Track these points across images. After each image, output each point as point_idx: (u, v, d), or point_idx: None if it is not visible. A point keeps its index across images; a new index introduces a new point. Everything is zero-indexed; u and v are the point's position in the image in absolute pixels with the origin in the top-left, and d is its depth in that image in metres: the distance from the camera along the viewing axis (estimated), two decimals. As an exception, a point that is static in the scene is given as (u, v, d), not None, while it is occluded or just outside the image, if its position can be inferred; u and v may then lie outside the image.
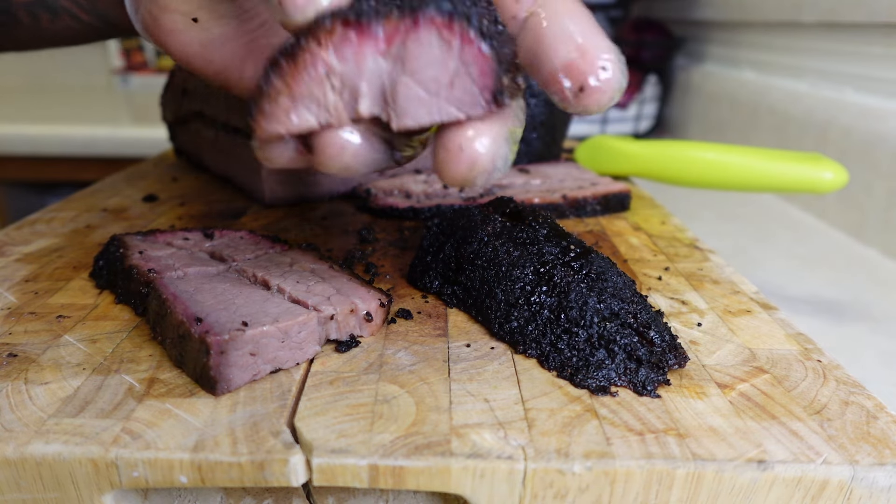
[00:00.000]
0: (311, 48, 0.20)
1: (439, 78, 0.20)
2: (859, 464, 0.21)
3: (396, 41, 0.20)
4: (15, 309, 0.30)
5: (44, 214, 0.45)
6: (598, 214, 0.47)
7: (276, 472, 0.20)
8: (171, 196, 0.50)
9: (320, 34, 0.20)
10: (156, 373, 0.25)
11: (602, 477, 0.20)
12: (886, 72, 0.64)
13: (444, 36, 0.20)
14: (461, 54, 0.20)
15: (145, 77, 1.66)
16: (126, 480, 0.21)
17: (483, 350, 0.27)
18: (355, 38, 0.20)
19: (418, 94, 0.21)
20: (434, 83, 0.20)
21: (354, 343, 0.27)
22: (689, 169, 0.49)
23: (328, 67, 0.20)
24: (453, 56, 0.20)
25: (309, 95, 0.20)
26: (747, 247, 0.63)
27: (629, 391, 0.24)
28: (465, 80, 0.20)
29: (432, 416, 0.22)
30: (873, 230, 0.61)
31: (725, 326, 0.30)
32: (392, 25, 0.20)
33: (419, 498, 0.23)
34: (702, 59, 1.05)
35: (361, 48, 0.20)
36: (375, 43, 0.20)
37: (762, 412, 0.23)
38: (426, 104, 0.21)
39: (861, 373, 0.30)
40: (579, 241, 0.30)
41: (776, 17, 0.81)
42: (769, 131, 0.80)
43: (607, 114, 1.05)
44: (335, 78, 0.20)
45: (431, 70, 0.20)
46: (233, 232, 0.37)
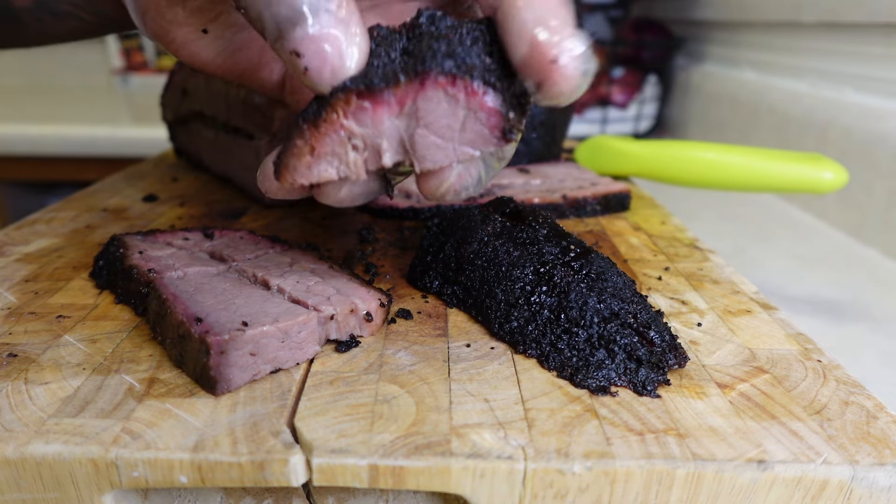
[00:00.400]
0: (331, 117, 0.22)
1: (452, 125, 0.22)
2: (859, 464, 0.21)
3: (408, 102, 0.22)
4: (15, 309, 0.30)
5: (44, 214, 0.45)
6: (598, 214, 0.47)
7: (276, 472, 0.20)
8: (171, 196, 0.50)
9: (338, 105, 0.21)
10: (156, 373, 0.25)
11: (602, 477, 0.20)
12: (886, 72, 0.64)
13: (449, 92, 0.22)
14: (468, 104, 0.22)
15: (145, 77, 1.66)
16: (126, 480, 0.21)
17: (483, 350, 0.27)
18: (370, 106, 0.21)
19: (435, 142, 0.22)
20: (448, 130, 0.22)
21: (354, 343, 0.27)
22: (689, 169, 0.49)
23: (349, 132, 0.22)
24: (461, 106, 0.22)
25: (332, 153, 0.22)
26: (747, 247, 0.63)
27: (629, 391, 0.24)
28: (475, 123, 0.22)
29: (432, 416, 0.22)
30: (873, 230, 0.61)
31: (725, 326, 0.30)
32: (401, 90, 0.21)
33: (419, 498, 0.23)
34: (702, 59, 1.05)
35: (377, 113, 0.22)
36: (389, 107, 0.22)
37: (762, 412, 0.23)
38: (443, 148, 0.23)
39: (861, 373, 0.30)
40: (579, 241, 0.30)
41: (776, 17, 0.81)
42: (769, 131, 0.80)
43: (607, 114, 1.05)
44: (356, 139, 0.22)
45: (443, 120, 0.22)
46: (233, 232, 0.37)
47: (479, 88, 0.22)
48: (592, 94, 1.07)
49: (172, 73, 0.60)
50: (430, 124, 0.22)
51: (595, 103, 1.06)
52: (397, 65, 0.22)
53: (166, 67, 1.64)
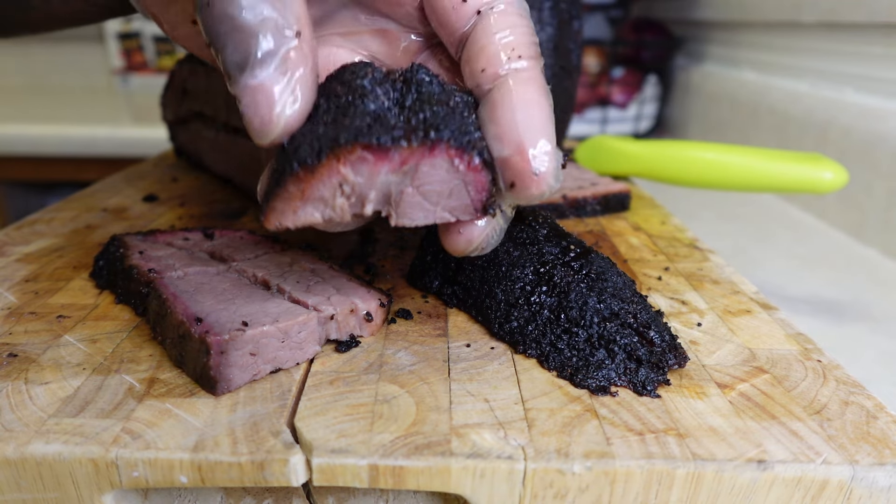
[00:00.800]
0: (331, 163, 0.21)
1: (441, 191, 0.23)
2: (859, 464, 0.21)
3: (410, 163, 0.22)
4: (15, 309, 0.30)
5: (44, 214, 0.45)
6: (598, 214, 0.47)
7: (276, 472, 0.20)
8: (171, 196, 0.50)
9: (341, 152, 0.21)
10: (156, 373, 0.25)
11: (602, 477, 0.20)
12: (886, 72, 0.64)
13: (455, 163, 0.22)
14: (464, 175, 0.23)
15: (145, 77, 1.66)
16: (126, 480, 0.21)
17: (483, 350, 0.27)
18: (372, 159, 0.22)
19: (420, 203, 0.23)
20: (435, 194, 0.23)
21: (354, 343, 0.27)
22: (689, 169, 0.49)
23: (343, 178, 0.22)
24: (457, 176, 0.23)
25: (320, 199, 0.22)
26: (747, 247, 0.63)
27: (629, 391, 0.24)
28: (462, 193, 0.23)
29: (432, 416, 0.22)
30: (873, 230, 0.61)
31: (725, 326, 0.30)
32: (408, 151, 0.22)
33: (419, 498, 0.23)
34: (702, 59, 1.05)
35: (377, 167, 0.22)
36: (390, 163, 0.22)
37: (762, 412, 0.23)
38: (425, 210, 0.23)
39: (861, 373, 0.30)
40: (579, 241, 0.30)
41: (776, 17, 0.81)
42: (769, 131, 0.80)
43: (607, 114, 1.05)
44: (347, 186, 0.22)
45: (436, 185, 0.23)
46: (233, 232, 0.37)
47: (479, 164, 0.22)
48: (592, 94, 1.07)
49: (173, 73, 0.60)
50: (421, 185, 0.23)
51: (595, 103, 1.06)
52: (401, 121, 0.22)
53: (166, 67, 1.64)
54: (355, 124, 0.21)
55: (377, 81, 0.23)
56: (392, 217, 0.23)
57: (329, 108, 0.22)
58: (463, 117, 0.23)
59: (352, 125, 0.21)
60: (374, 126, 0.21)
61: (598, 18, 1.24)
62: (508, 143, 0.23)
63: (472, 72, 0.24)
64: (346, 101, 0.22)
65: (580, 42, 0.54)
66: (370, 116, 0.22)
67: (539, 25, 0.48)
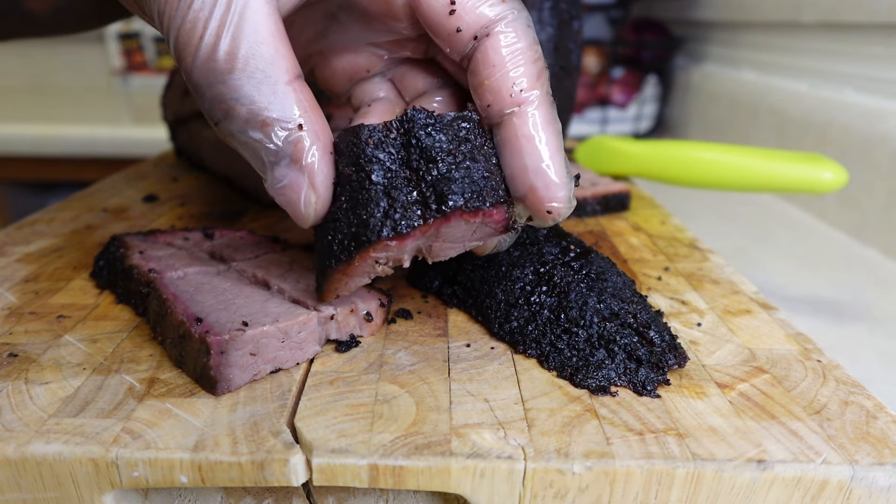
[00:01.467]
0: (362, 256, 0.24)
1: (464, 235, 0.25)
2: (859, 463, 0.21)
3: (431, 231, 0.24)
4: (15, 309, 0.30)
5: (44, 214, 0.45)
6: (598, 214, 0.47)
7: (277, 472, 0.20)
8: (171, 196, 0.50)
9: (368, 249, 0.24)
10: (156, 373, 0.25)
11: (602, 477, 0.20)
12: (886, 72, 0.64)
13: (470, 221, 0.24)
14: (482, 222, 0.24)
15: (145, 77, 1.66)
16: (126, 480, 0.21)
17: (483, 350, 0.27)
18: (396, 244, 0.23)
19: (449, 246, 0.26)
20: (461, 238, 0.25)
21: (354, 343, 0.27)
22: (689, 169, 0.49)
23: (376, 259, 0.24)
24: (476, 224, 0.24)
25: (362, 273, 0.25)
26: (747, 247, 0.63)
27: (629, 391, 0.24)
28: (484, 228, 0.25)
29: (432, 416, 0.22)
30: (873, 230, 0.61)
31: (725, 326, 0.30)
32: (428, 226, 0.23)
33: (419, 498, 0.23)
34: (702, 59, 1.05)
35: (403, 245, 0.24)
36: (414, 239, 0.24)
37: (762, 412, 0.23)
38: (453, 249, 0.26)
39: (861, 373, 0.30)
40: (579, 241, 0.30)
41: (776, 17, 0.81)
42: (769, 131, 0.80)
43: (607, 114, 1.05)
44: (382, 260, 0.25)
45: (459, 234, 0.25)
46: (233, 232, 0.37)
47: (492, 211, 0.24)
48: (592, 94, 1.07)
49: (173, 73, 0.60)
50: (445, 240, 0.25)
51: (595, 103, 1.06)
52: (412, 196, 0.23)
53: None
54: (374, 217, 0.23)
55: (377, 145, 0.24)
56: (427, 258, 0.26)
57: (345, 189, 0.24)
58: (471, 167, 0.24)
59: (370, 218, 0.23)
60: (390, 212, 0.23)
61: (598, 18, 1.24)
62: (521, 185, 0.24)
63: (479, 103, 0.25)
64: (358, 181, 0.24)
65: (580, 42, 0.54)
66: (384, 200, 0.23)
67: (539, 25, 0.48)
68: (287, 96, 0.23)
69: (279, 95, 0.23)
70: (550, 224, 0.25)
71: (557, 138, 0.24)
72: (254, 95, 0.22)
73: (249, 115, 0.22)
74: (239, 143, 0.23)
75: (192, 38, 0.22)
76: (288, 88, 0.23)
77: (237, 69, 0.22)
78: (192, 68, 0.22)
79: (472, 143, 0.24)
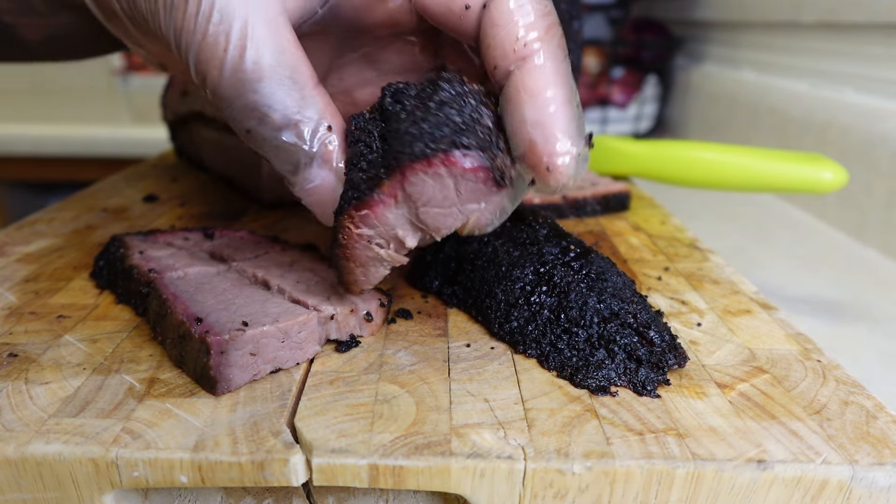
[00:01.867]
0: (346, 233, 0.24)
1: (447, 195, 0.23)
2: (859, 464, 0.21)
3: (399, 193, 0.23)
4: (15, 309, 0.30)
5: (44, 214, 0.45)
6: (598, 214, 0.47)
7: (277, 472, 0.20)
8: (171, 196, 0.50)
9: (345, 223, 0.24)
10: (156, 373, 0.25)
11: (602, 477, 0.20)
12: (886, 72, 0.64)
13: (428, 172, 0.23)
14: (450, 172, 0.23)
15: (145, 77, 1.66)
16: (126, 480, 0.21)
17: (483, 350, 0.27)
18: (369, 211, 0.24)
19: (440, 213, 0.24)
20: (445, 199, 0.24)
21: (354, 343, 0.27)
22: (689, 169, 0.49)
23: (366, 237, 0.24)
24: (446, 176, 0.23)
25: (368, 258, 0.25)
26: (747, 247, 0.63)
27: (629, 391, 0.24)
28: (466, 184, 0.23)
29: (432, 415, 0.22)
30: (873, 230, 0.61)
31: (725, 326, 0.30)
32: (387, 187, 0.23)
33: (419, 498, 0.23)
34: (702, 59, 1.05)
35: (378, 213, 0.24)
36: (385, 204, 0.23)
37: (762, 412, 0.23)
38: (449, 215, 0.24)
39: (861, 373, 0.30)
40: (579, 241, 0.30)
41: (776, 17, 0.81)
42: (769, 131, 0.80)
43: (607, 114, 1.05)
44: (377, 239, 0.25)
45: (437, 193, 0.23)
46: (233, 232, 0.37)
47: (453, 157, 0.22)
48: (592, 93, 1.07)
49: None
50: (427, 202, 0.24)
51: (595, 103, 1.06)
52: (378, 161, 0.24)
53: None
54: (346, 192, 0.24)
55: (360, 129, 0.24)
56: (432, 236, 0.25)
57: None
58: (431, 120, 0.23)
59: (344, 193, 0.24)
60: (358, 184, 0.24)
61: (598, 18, 1.24)
62: (520, 141, 0.23)
63: (489, 72, 0.24)
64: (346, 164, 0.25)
65: (580, 42, 0.54)
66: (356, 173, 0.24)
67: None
68: (315, 100, 0.24)
69: (308, 100, 0.24)
70: (554, 188, 0.23)
71: (566, 91, 0.22)
72: (286, 101, 0.23)
73: (283, 120, 0.23)
74: (271, 149, 0.24)
75: (216, 52, 0.22)
76: (314, 93, 0.24)
77: (265, 77, 0.23)
78: (220, 80, 0.23)
79: (439, 101, 0.23)
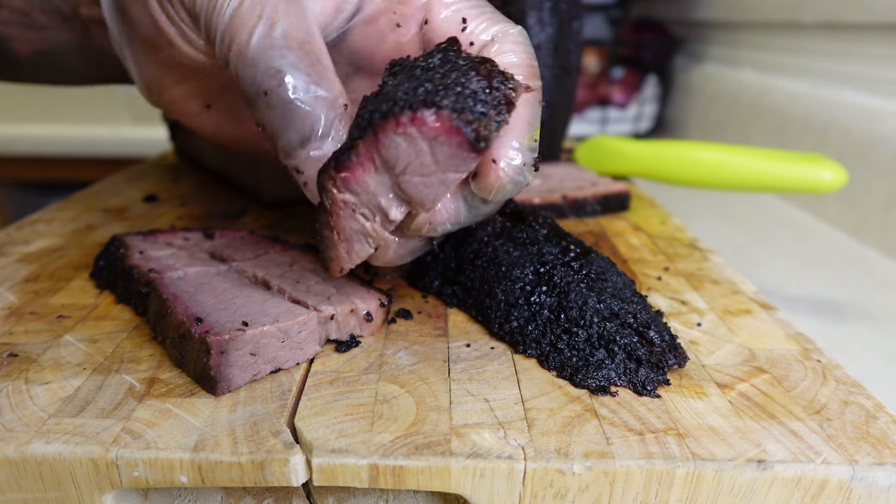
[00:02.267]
0: (331, 197, 0.24)
1: (424, 161, 0.23)
2: (859, 463, 0.21)
3: (374, 156, 0.23)
4: (15, 309, 0.30)
5: (44, 214, 0.45)
6: (597, 214, 0.47)
7: (277, 472, 0.20)
8: (171, 196, 0.51)
9: (328, 186, 0.24)
10: (156, 373, 0.25)
11: (602, 477, 0.20)
12: (886, 72, 0.64)
13: (398, 132, 0.22)
14: (421, 133, 0.22)
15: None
16: (126, 480, 0.21)
17: (483, 350, 0.27)
18: (349, 174, 0.23)
19: (421, 181, 0.23)
20: (423, 166, 0.23)
21: (354, 343, 0.27)
22: (689, 169, 0.49)
23: (350, 205, 0.24)
24: (418, 139, 0.22)
25: (353, 231, 0.25)
26: (747, 247, 0.63)
27: (629, 391, 0.24)
28: (441, 148, 0.22)
29: (432, 415, 0.22)
30: (873, 230, 0.61)
31: (725, 326, 0.30)
32: (363, 147, 0.23)
33: (419, 498, 0.23)
34: (702, 59, 1.05)
35: (357, 176, 0.23)
36: (363, 167, 0.23)
37: (762, 412, 0.23)
38: (431, 184, 0.23)
39: (861, 373, 0.30)
40: (579, 241, 0.30)
41: (776, 17, 0.81)
42: (769, 131, 0.80)
43: (607, 114, 1.05)
44: (360, 208, 0.24)
45: (413, 158, 0.23)
46: (233, 232, 0.37)
47: (421, 115, 0.22)
48: (592, 94, 1.07)
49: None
50: (406, 168, 0.23)
51: (595, 103, 1.06)
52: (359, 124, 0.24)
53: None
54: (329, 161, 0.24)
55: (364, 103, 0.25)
56: (419, 209, 0.25)
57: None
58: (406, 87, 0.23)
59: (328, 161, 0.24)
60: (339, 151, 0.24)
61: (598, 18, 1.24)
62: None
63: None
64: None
65: (580, 42, 0.54)
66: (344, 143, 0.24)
67: (539, 26, 0.48)
68: (336, 81, 0.25)
69: (329, 79, 0.25)
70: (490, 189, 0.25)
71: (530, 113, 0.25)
72: (309, 70, 0.25)
73: (305, 87, 0.24)
74: (284, 112, 0.25)
75: (248, 19, 0.24)
76: (335, 77, 0.25)
77: (294, 48, 0.25)
78: (249, 43, 0.24)
79: (426, 67, 0.23)
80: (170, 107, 0.32)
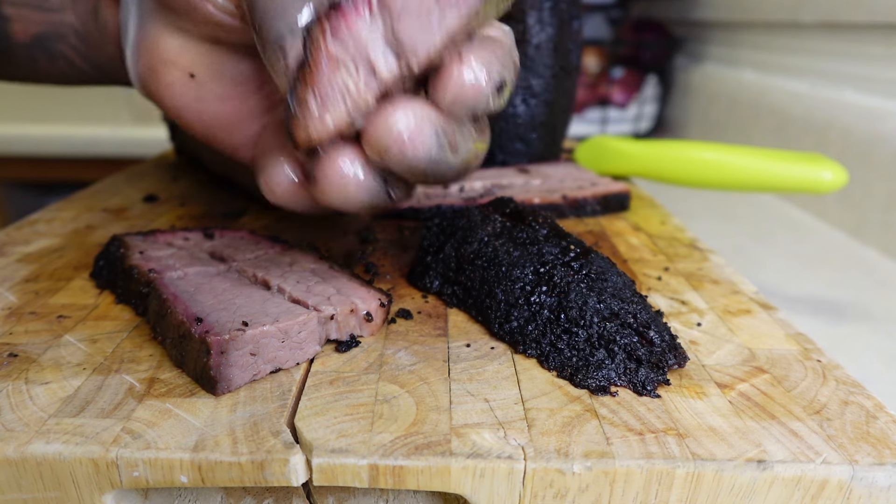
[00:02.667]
0: (318, 44, 0.22)
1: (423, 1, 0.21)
2: (859, 463, 0.21)
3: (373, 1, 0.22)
4: (15, 309, 0.30)
5: (44, 214, 0.45)
6: (597, 214, 0.47)
7: (277, 472, 0.20)
8: (171, 196, 0.51)
9: (316, 33, 0.22)
10: (156, 373, 0.25)
11: (602, 477, 0.20)
12: (886, 72, 0.64)
13: None
14: None
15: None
16: (126, 480, 0.21)
17: (483, 350, 0.27)
18: (343, 22, 0.22)
19: (417, 24, 0.22)
20: (422, 4, 0.21)
21: (354, 343, 0.27)
22: (689, 169, 0.49)
23: (337, 57, 0.22)
24: None
25: (332, 87, 0.22)
26: (747, 247, 0.63)
27: (629, 391, 0.24)
28: None
29: (432, 415, 0.22)
30: (873, 230, 0.61)
31: (725, 326, 0.30)
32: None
33: (419, 498, 0.23)
34: (702, 59, 1.05)
35: (351, 24, 0.22)
36: (358, 13, 0.22)
37: (762, 412, 0.23)
38: (428, 27, 0.22)
39: (861, 373, 0.30)
40: (579, 241, 0.30)
41: (776, 17, 0.81)
42: (769, 131, 0.80)
43: (607, 114, 1.05)
44: (348, 61, 0.22)
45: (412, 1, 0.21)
46: (233, 232, 0.37)
47: None
48: (592, 94, 1.07)
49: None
50: (402, 11, 0.21)
51: (595, 103, 1.06)
52: None
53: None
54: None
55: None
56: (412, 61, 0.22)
57: None
58: None
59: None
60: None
61: (598, 18, 1.24)
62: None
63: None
64: None
65: (580, 42, 0.54)
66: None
67: (539, 25, 0.48)
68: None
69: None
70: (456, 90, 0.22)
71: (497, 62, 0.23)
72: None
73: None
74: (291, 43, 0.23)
75: None
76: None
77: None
78: None
79: None
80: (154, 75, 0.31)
